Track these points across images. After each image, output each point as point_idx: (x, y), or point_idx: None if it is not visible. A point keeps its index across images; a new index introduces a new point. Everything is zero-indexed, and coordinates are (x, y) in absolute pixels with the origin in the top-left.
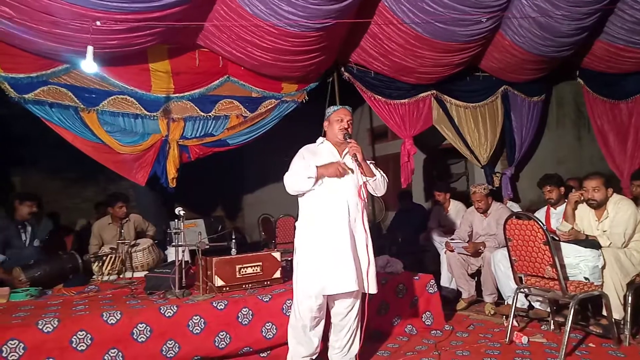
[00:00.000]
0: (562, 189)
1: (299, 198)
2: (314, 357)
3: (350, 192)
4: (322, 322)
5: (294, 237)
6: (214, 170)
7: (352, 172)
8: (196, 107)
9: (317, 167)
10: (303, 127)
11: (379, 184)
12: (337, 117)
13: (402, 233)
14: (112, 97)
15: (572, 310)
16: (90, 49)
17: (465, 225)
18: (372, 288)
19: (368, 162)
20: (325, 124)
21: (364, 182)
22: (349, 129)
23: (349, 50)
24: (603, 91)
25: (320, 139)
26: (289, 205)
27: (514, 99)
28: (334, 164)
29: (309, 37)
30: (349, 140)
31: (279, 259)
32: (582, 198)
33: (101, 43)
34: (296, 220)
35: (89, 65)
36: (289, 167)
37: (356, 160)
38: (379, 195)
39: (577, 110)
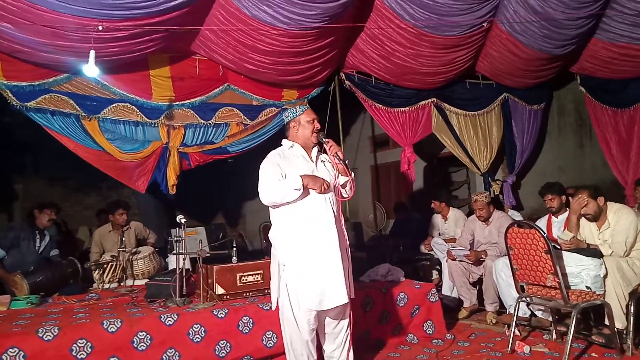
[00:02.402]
0: (564, 197)
1: (272, 208)
2: None
3: (332, 197)
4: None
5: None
6: (215, 177)
7: (332, 173)
8: (196, 115)
9: (301, 177)
10: None
11: (351, 184)
12: (308, 118)
13: (402, 242)
14: (113, 105)
15: (574, 320)
16: (92, 52)
17: (466, 233)
18: (352, 293)
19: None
20: (293, 124)
21: (344, 184)
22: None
23: (350, 56)
24: (605, 99)
25: (289, 142)
26: None
27: (515, 106)
28: (318, 180)
29: (307, 36)
30: (326, 140)
31: None
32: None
33: (103, 51)
34: None
35: (90, 69)
36: (261, 175)
37: (338, 158)
38: (347, 197)
39: (578, 118)
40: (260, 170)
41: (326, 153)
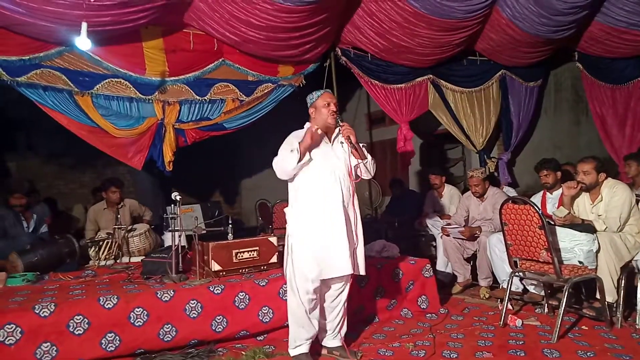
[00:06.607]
0: (559, 173)
1: (289, 184)
2: (313, 339)
3: (343, 176)
4: (318, 305)
5: (286, 223)
6: (211, 155)
7: (342, 150)
8: (191, 91)
9: (299, 143)
10: (301, 111)
11: (369, 166)
12: (323, 102)
13: (398, 218)
14: (106, 81)
15: (566, 294)
16: (84, 25)
17: (461, 209)
18: (361, 270)
19: (360, 144)
20: (311, 110)
21: (356, 165)
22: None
23: (346, 32)
24: (602, 75)
25: (308, 124)
26: (286, 191)
27: (512, 83)
28: (306, 133)
29: (303, 11)
30: (341, 123)
31: (275, 243)
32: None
33: (93, 20)
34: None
35: (83, 42)
36: (278, 154)
37: (350, 142)
38: (367, 178)
39: (575, 95)
40: None
41: None
